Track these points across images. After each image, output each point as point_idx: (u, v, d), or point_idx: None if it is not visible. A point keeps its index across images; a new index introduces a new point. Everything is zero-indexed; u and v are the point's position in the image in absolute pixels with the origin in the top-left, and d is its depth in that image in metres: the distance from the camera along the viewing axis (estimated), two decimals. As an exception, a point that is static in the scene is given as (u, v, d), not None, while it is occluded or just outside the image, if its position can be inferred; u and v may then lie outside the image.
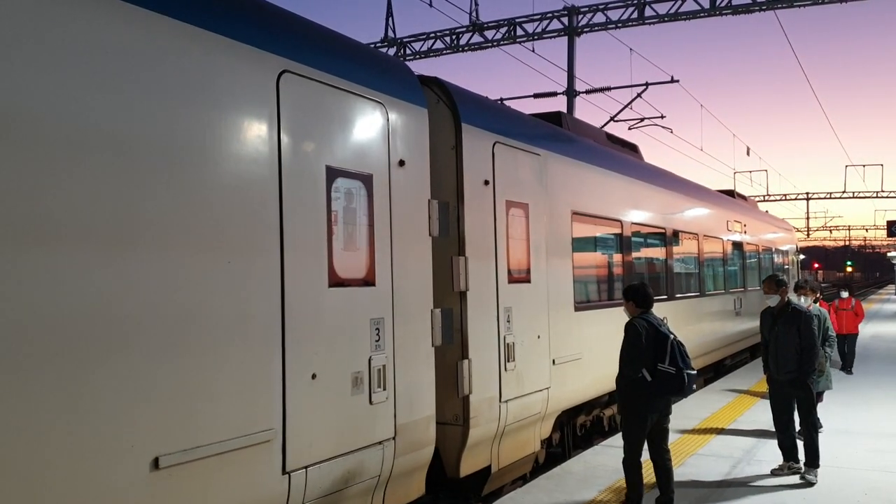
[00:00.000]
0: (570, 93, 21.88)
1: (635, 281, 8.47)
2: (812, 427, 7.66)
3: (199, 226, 4.19)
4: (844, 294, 16.19)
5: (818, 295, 11.40)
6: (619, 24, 21.18)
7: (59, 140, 3.52)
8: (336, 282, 5.15)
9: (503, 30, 22.54)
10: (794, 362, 7.60)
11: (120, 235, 3.76)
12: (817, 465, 7.57)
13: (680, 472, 7.60)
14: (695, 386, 6.54)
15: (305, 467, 4.82)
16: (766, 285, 7.99)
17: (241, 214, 4.45)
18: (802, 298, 9.58)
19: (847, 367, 15.43)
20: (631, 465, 6.41)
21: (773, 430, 8.02)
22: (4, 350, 3.27)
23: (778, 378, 7.80)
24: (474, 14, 22.24)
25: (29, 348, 3.35)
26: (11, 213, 3.31)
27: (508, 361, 7.30)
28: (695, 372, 6.37)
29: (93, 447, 3.59)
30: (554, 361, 8.22)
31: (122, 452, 3.73)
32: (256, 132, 4.61)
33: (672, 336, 6.32)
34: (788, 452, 7.82)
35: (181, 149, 4.12)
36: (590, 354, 9.08)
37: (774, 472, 7.71)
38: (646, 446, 6.42)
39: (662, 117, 22.34)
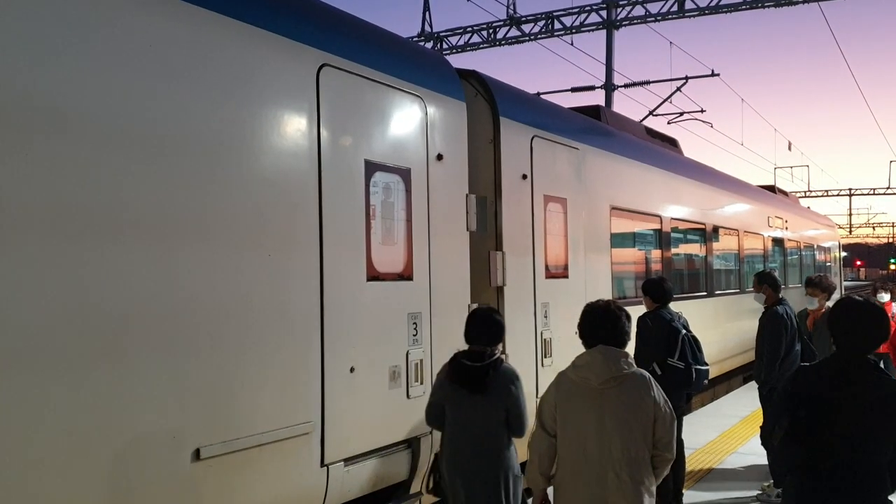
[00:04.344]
0: (609, 87, 21.67)
1: (671, 277, 8.37)
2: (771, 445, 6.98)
3: (241, 220, 4.22)
4: (884, 297, 11.19)
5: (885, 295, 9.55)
6: (659, 18, 20.89)
7: (103, 135, 3.56)
8: (374, 276, 5.15)
9: (541, 23, 22.36)
10: (757, 369, 7.14)
11: (163, 230, 3.79)
12: (781, 485, 6.86)
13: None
14: (706, 381, 6.45)
15: (344, 460, 4.84)
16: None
17: (281, 208, 4.47)
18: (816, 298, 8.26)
19: None
20: None
21: None
22: (54, 346, 3.32)
23: None
24: (511, 8, 22.12)
25: (76, 344, 3.40)
26: (57, 210, 3.37)
27: (545, 357, 7.25)
28: (705, 367, 6.32)
29: (135, 438, 3.64)
30: (591, 357, 8.14)
31: (164, 444, 3.78)
32: (296, 126, 4.62)
33: (683, 332, 6.26)
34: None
35: (222, 142, 4.15)
36: (628, 350, 8.98)
37: (759, 498, 6.97)
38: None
39: (702, 111, 22.05)
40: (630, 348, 4.56)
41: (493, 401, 4.46)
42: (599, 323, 3.96)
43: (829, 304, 8.64)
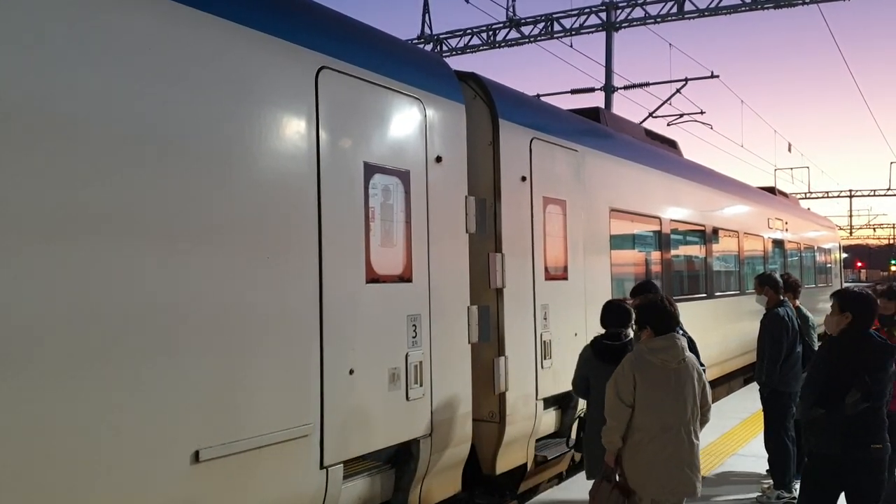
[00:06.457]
0: (608, 88, 21.68)
1: (671, 279, 8.35)
2: (776, 444, 7.00)
3: (240, 222, 4.22)
4: None
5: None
6: (658, 19, 20.90)
7: (100, 138, 3.57)
8: (373, 278, 5.16)
9: (540, 25, 22.36)
10: (758, 370, 7.13)
11: (162, 233, 3.80)
12: (781, 487, 6.89)
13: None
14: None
15: (343, 462, 4.84)
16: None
17: (280, 210, 4.47)
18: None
19: None
20: None
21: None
22: (54, 347, 3.33)
23: None
24: (511, 10, 22.13)
25: (76, 344, 3.41)
26: (57, 212, 3.37)
27: (545, 359, 7.26)
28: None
29: (136, 440, 3.64)
30: (591, 359, 8.14)
31: (164, 446, 3.78)
32: (295, 129, 4.63)
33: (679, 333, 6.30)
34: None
35: (221, 145, 4.15)
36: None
37: (759, 500, 6.92)
38: None
39: (702, 113, 22.06)
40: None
41: None
42: (666, 314, 4.85)
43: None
